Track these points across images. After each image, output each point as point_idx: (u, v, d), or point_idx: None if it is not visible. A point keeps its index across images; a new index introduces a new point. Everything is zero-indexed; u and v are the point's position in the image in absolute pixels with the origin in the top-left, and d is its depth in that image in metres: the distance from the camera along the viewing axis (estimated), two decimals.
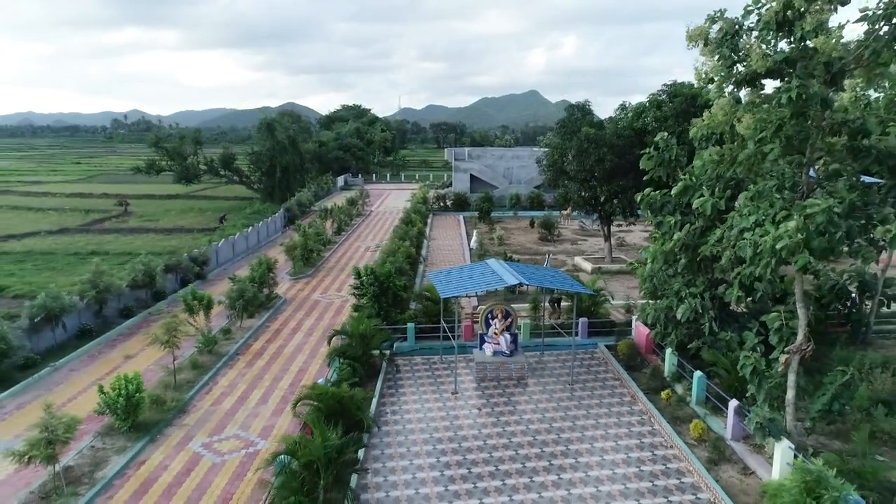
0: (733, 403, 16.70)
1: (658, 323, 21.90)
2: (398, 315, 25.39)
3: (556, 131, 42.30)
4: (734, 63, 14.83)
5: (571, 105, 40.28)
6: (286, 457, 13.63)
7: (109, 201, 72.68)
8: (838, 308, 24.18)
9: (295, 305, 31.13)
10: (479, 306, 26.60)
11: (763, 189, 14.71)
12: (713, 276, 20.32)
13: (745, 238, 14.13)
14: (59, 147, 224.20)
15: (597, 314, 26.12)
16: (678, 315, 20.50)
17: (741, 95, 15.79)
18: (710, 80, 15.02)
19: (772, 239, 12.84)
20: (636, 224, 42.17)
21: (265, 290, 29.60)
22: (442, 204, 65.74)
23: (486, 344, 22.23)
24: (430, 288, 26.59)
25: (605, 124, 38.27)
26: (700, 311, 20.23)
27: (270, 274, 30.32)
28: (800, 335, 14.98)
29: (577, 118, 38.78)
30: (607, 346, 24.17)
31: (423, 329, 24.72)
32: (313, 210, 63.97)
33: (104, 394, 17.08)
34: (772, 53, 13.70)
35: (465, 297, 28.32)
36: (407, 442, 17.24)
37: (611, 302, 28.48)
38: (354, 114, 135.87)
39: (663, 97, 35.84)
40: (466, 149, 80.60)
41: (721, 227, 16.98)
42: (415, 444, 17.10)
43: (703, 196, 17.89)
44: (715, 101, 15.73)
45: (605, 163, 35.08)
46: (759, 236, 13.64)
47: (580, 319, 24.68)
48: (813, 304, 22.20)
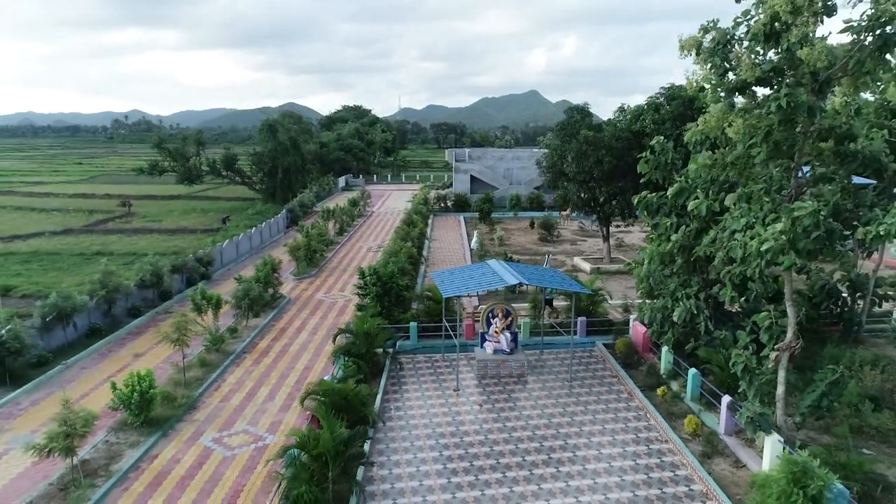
0: (726, 399, 17.28)
1: (655, 322, 22.43)
2: (401, 314, 25.95)
3: (555, 133, 42.88)
4: (726, 71, 15.40)
5: (571, 108, 40.90)
6: (296, 450, 14.21)
7: (112, 202, 73.23)
8: (831, 307, 24.72)
9: (299, 305, 31.71)
10: (480, 306, 27.18)
11: (752, 192, 15.28)
12: (708, 277, 20.88)
13: (736, 239, 14.70)
14: (61, 147, 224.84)
15: (595, 313, 26.71)
16: (674, 316, 21.04)
17: (734, 101, 16.33)
18: (701, 88, 15.57)
19: (759, 241, 13.42)
20: (634, 225, 42.73)
21: (270, 290, 30.17)
22: (442, 205, 66.34)
23: (486, 342, 22.79)
24: (431, 288, 27.16)
25: (604, 126, 38.86)
26: (695, 311, 20.78)
27: (275, 274, 30.89)
28: (789, 333, 15.55)
29: (577, 120, 39.38)
30: (605, 345, 24.74)
31: (426, 328, 25.29)
32: (315, 211, 64.53)
33: (118, 390, 17.66)
34: (761, 63, 14.26)
35: (467, 297, 28.89)
36: (410, 437, 17.82)
37: (609, 301, 29.07)
38: (355, 114, 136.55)
39: (661, 100, 36.41)
40: (467, 150, 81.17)
41: (715, 228, 17.55)
42: (418, 439, 17.68)
43: (699, 198, 18.45)
44: (711, 105, 16.31)
45: (603, 164, 35.65)
46: (749, 238, 14.21)
47: (579, 318, 25.24)
48: (805, 304, 22.75)
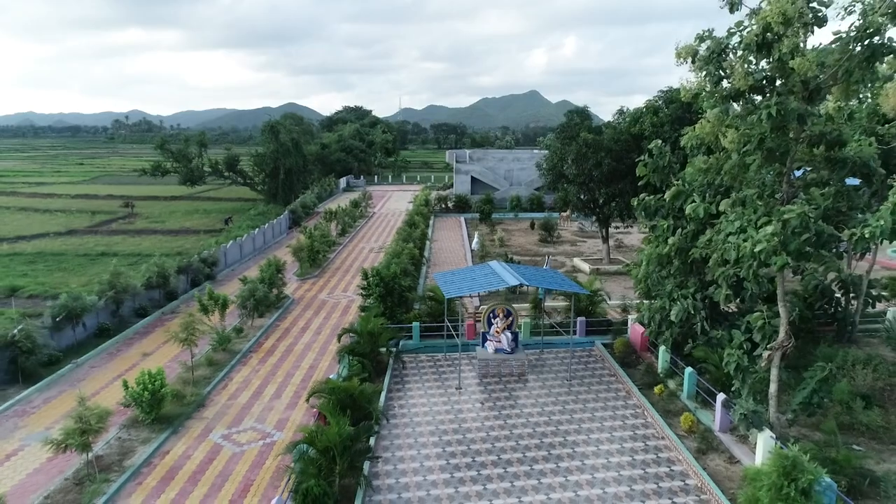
0: (721, 397, 17.78)
1: (653, 322, 22.95)
2: (403, 314, 26.43)
3: (555, 136, 43.37)
4: (720, 79, 15.90)
5: (571, 110, 41.39)
6: (304, 445, 14.70)
7: (115, 203, 73.72)
8: (825, 308, 25.21)
9: (303, 305, 32.21)
10: (481, 306, 27.68)
11: (745, 196, 15.79)
12: (704, 278, 21.36)
13: (730, 242, 15.20)
14: (62, 148, 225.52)
15: (594, 314, 27.21)
16: (672, 315, 21.56)
17: (729, 109, 16.82)
18: (696, 94, 16.06)
19: (752, 242, 13.93)
20: (633, 226, 43.22)
21: (274, 291, 30.66)
22: (443, 206, 66.84)
23: (488, 342, 23.27)
24: (433, 288, 27.65)
25: (604, 129, 39.36)
26: (692, 310, 21.29)
27: (279, 275, 31.38)
28: (781, 333, 16.06)
29: (577, 123, 39.87)
30: (604, 344, 25.24)
31: (428, 328, 25.78)
32: (317, 212, 65.06)
33: (129, 388, 18.15)
34: (753, 72, 14.77)
35: (468, 298, 29.37)
36: (414, 433, 18.32)
37: (608, 302, 29.59)
38: (356, 115, 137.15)
39: (660, 103, 36.91)
40: (468, 151, 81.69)
41: (711, 230, 18.05)
42: (422, 436, 18.17)
43: (696, 201, 18.93)
44: (708, 110, 16.80)
45: (603, 167, 36.15)
46: (743, 240, 14.71)
47: (578, 319, 25.74)
48: (800, 304, 23.23)
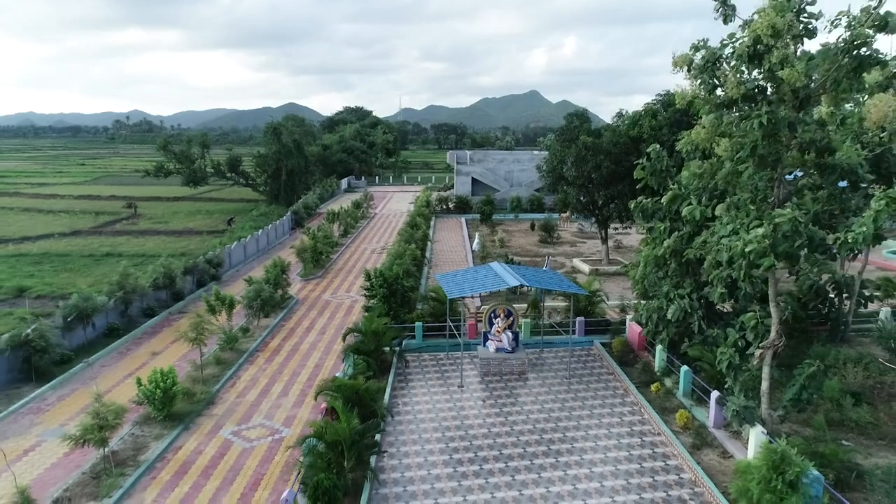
0: (715, 394, 18.37)
1: (650, 322, 23.54)
2: (406, 314, 27.01)
3: (555, 138, 43.97)
4: (714, 87, 16.48)
5: (570, 113, 41.97)
6: (314, 439, 15.29)
7: (118, 203, 74.31)
8: (818, 308, 25.80)
9: (307, 305, 32.79)
10: (483, 306, 28.27)
11: (738, 200, 16.38)
12: (700, 279, 21.95)
13: (723, 243, 15.79)
14: (62, 148, 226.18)
15: (593, 314, 27.80)
16: (669, 315, 22.15)
17: (723, 116, 17.39)
18: (690, 101, 16.63)
19: (742, 244, 14.52)
20: (632, 227, 43.80)
21: (279, 291, 31.22)
22: (444, 206, 67.39)
23: (489, 341, 23.85)
24: (435, 289, 28.22)
25: (603, 132, 39.94)
26: (689, 310, 21.88)
27: (284, 275, 31.96)
28: (772, 332, 16.64)
29: (576, 126, 40.45)
30: (602, 344, 25.82)
31: (430, 328, 26.36)
32: (319, 213, 65.62)
33: (142, 386, 18.73)
34: (745, 81, 15.34)
35: (469, 298, 29.94)
36: (418, 430, 18.90)
37: (606, 302, 30.16)
38: (357, 116, 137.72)
39: (658, 106, 37.51)
40: (468, 152, 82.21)
41: (706, 233, 18.64)
42: (425, 432, 18.76)
43: (692, 205, 19.53)
44: (703, 116, 17.38)
45: (602, 169, 36.75)
46: (734, 242, 15.30)
47: (577, 318, 26.32)
48: (794, 304, 23.82)
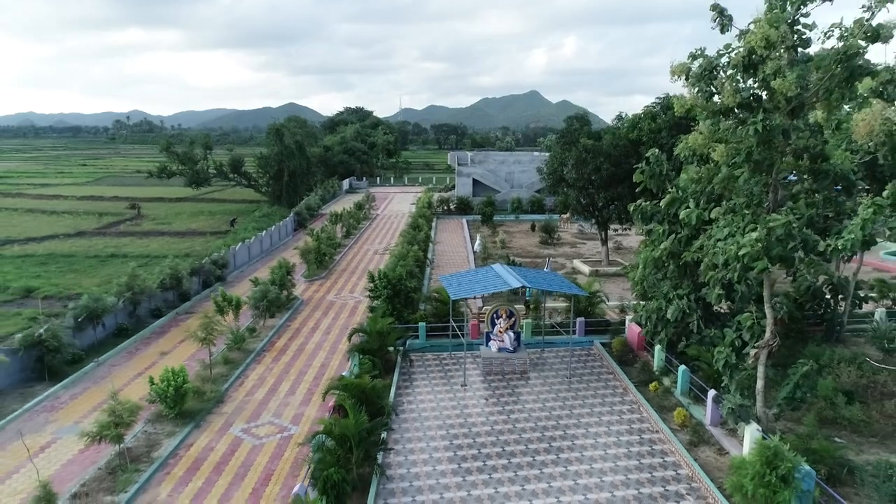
0: (711, 393, 18.88)
1: (648, 322, 24.06)
2: (410, 315, 27.51)
3: (556, 141, 44.50)
4: (712, 95, 16.99)
5: (570, 116, 42.52)
6: (323, 436, 15.80)
7: (120, 204, 74.81)
8: (814, 308, 26.33)
9: (312, 306, 33.30)
10: (484, 307, 28.76)
11: (734, 205, 16.90)
12: (697, 280, 22.47)
13: (719, 246, 16.31)
14: (63, 148, 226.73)
15: (593, 314, 28.32)
16: (668, 315, 22.67)
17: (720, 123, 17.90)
18: (689, 109, 17.13)
19: (736, 248, 15.04)
20: (632, 228, 44.28)
21: (284, 292, 31.72)
22: (445, 208, 67.88)
23: (491, 341, 24.35)
24: (439, 290, 28.74)
25: (603, 135, 40.48)
26: (687, 311, 22.40)
27: (289, 276, 32.45)
28: (767, 332, 17.16)
29: (576, 129, 40.98)
30: (602, 344, 26.33)
31: (433, 328, 26.86)
32: (322, 214, 66.12)
33: (154, 385, 19.24)
34: (741, 90, 15.86)
35: (472, 299, 30.44)
36: (423, 427, 19.41)
37: (606, 303, 30.68)
38: (357, 116, 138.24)
39: (657, 109, 38.04)
40: (469, 153, 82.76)
41: (703, 236, 19.17)
42: (430, 429, 19.27)
43: (689, 208, 20.04)
44: (701, 122, 17.90)
45: (602, 171, 37.30)
46: (730, 245, 15.82)
47: (578, 319, 26.84)
48: (791, 305, 24.33)
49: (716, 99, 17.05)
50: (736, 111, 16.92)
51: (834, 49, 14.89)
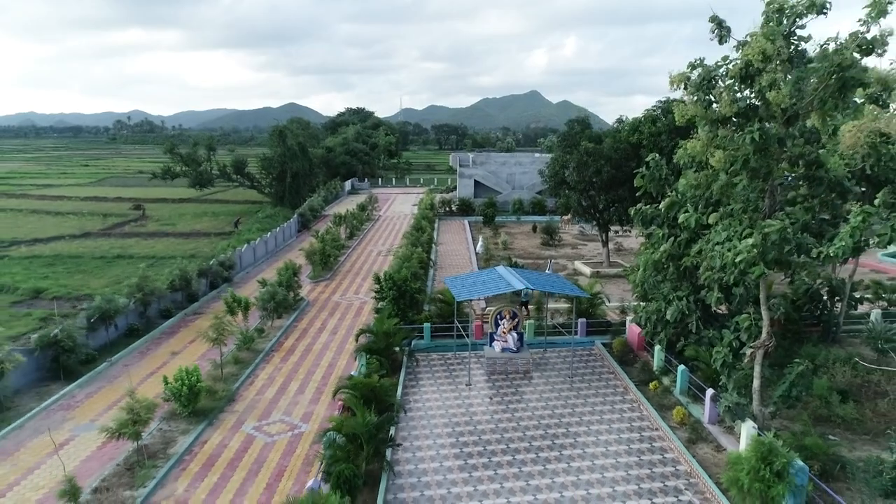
0: (710, 392, 19.46)
1: (648, 323, 24.63)
2: (415, 316, 28.08)
3: (557, 143, 45.08)
4: (710, 104, 17.56)
5: (572, 119, 43.05)
6: (334, 433, 16.37)
7: (124, 205, 75.35)
8: (811, 309, 26.89)
9: (318, 307, 33.88)
10: (488, 308, 29.32)
11: (732, 210, 17.48)
12: (696, 282, 23.04)
13: (716, 251, 16.88)
14: (64, 148, 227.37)
15: (594, 315, 28.89)
16: (668, 316, 23.23)
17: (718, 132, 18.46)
18: (690, 119, 17.68)
19: (734, 253, 15.61)
20: (632, 230, 44.85)
21: (291, 293, 32.29)
22: (447, 209, 68.44)
23: (495, 342, 24.91)
24: (443, 291, 29.29)
25: (603, 138, 41.05)
26: (686, 312, 22.97)
27: (295, 278, 33.03)
28: (764, 333, 17.73)
29: (577, 132, 41.55)
30: (603, 344, 26.91)
31: (438, 328, 27.44)
32: (325, 215, 66.67)
33: (169, 384, 19.81)
34: (738, 100, 16.43)
35: (476, 300, 31.01)
36: (429, 425, 19.98)
37: (607, 304, 31.25)
38: (359, 117, 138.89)
39: (658, 112, 38.60)
40: (471, 155, 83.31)
41: (701, 240, 19.72)
42: (436, 427, 19.84)
43: (689, 212, 20.60)
44: (700, 129, 18.45)
45: (602, 174, 37.87)
46: (727, 250, 16.39)
47: (579, 320, 27.42)
48: (788, 306, 24.90)
49: (714, 107, 17.63)
50: (734, 119, 17.49)
51: (828, 60, 15.41)
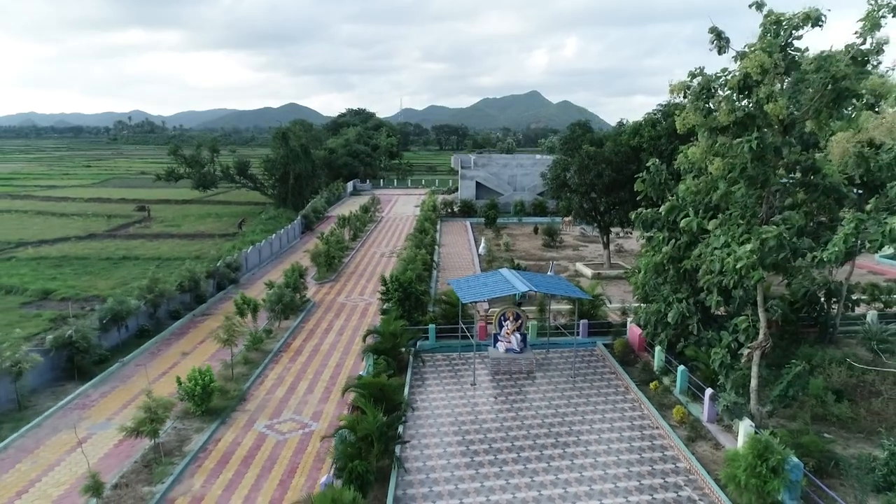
0: (708, 392, 20.03)
1: (649, 324, 25.18)
2: (420, 317, 28.63)
3: (559, 147, 45.64)
4: (710, 112, 18.12)
5: (573, 123, 43.61)
6: (346, 431, 16.94)
7: (128, 206, 75.91)
8: (809, 311, 27.45)
9: (324, 308, 34.43)
10: (491, 309, 29.88)
11: (730, 217, 18.04)
12: (696, 285, 23.59)
13: (715, 255, 17.44)
14: (66, 149, 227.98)
15: (596, 316, 29.45)
16: (669, 318, 23.78)
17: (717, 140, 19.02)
18: (691, 127, 18.23)
19: (734, 259, 16.17)
20: (633, 232, 45.38)
21: (298, 295, 32.84)
22: (449, 210, 68.98)
23: (499, 342, 25.48)
24: (448, 293, 29.86)
25: (604, 141, 41.61)
26: (687, 314, 23.52)
27: (302, 279, 33.58)
28: (760, 334, 18.30)
29: (579, 135, 42.11)
30: (605, 345, 27.48)
31: (443, 329, 27.99)
32: (328, 216, 67.21)
33: (183, 384, 20.37)
34: (736, 110, 16.99)
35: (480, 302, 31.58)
36: (436, 424, 20.54)
37: (608, 305, 31.81)
38: (360, 118, 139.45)
39: (658, 116, 39.19)
40: (472, 156, 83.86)
41: (701, 244, 20.29)
42: (443, 426, 20.40)
43: (689, 216, 21.16)
44: (699, 135, 19.00)
45: (604, 178, 38.43)
46: (726, 255, 16.96)
47: (581, 321, 27.99)
48: (785, 308, 25.45)
49: (714, 115, 18.17)
50: (731, 129, 18.05)
51: (822, 71, 15.97)
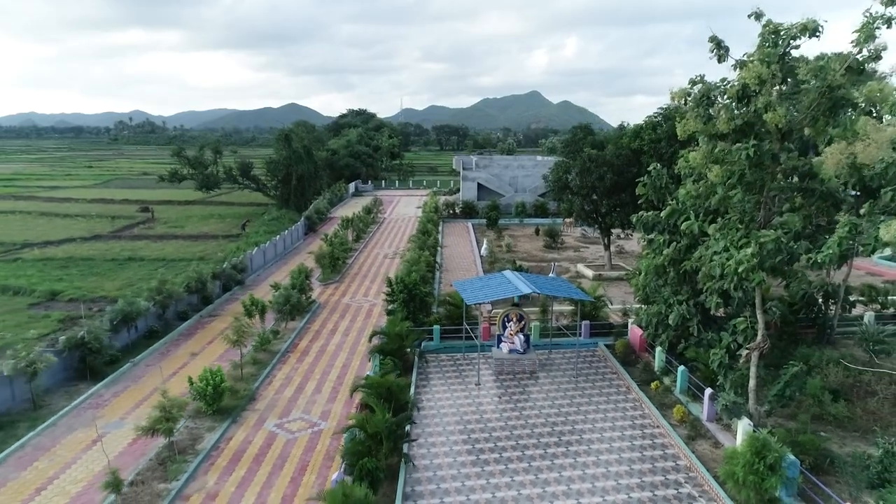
0: (708, 391, 20.51)
1: (650, 325, 25.66)
2: (424, 318, 29.10)
3: (561, 150, 46.09)
4: (710, 119, 18.58)
5: (575, 126, 44.08)
6: (356, 429, 17.42)
7: (131, 207, 76.36)
8: (807, 312, 27.93)
9: (329, 309, 34.91)
10: (494, 310, 30.36)
11: (729, 220, 18.52)
12: (696, 286, 24.06)
13: (714, 259, 17.93)
14: (67, 149, 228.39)
15: (597, 317, 29.93)
16: (670, 320, 24.25)
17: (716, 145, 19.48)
18: (692, 134, 18.70)
19: (735, 263, 16.65)
20: (634, 234, 45.84)
21: (303, 296, 33.30)
22: (451, 211, 69.41)
23: (502, 343, 25.96)
24: (450, 294, 30.34)
25: (606, 144, 42.08)
26: (687, 316, 24.00)
27: (307, 281, 34.05)
28: (759, 335, 18.78)
29: (580, 138, 42.58)
30: (606, 345, 27.96)
31: (447, 330, 28.46)
32: (330, 217, 67.66)
33: (195, 384, 20.85)
34: (735, 118, 17.46)
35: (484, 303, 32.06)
36: (442, 423, 21.02)
37: (609, 306, 32.29)
38: (361, 119, 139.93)
39: (658, 119, 39.65)
40: (474, 157, 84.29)
41: (701, 247, 20.76)
42: (448, 424, 20.88)
43: (690, 220, 21.64)
44: (700, 139, 19.47)
45: (605, 180, 38.88)
46: (726, 259, 17.44)
47: (583, 322, 28.47)
48: (784, 309, 25.94)
49: (713, 121, 18.64)
50: (730, 136, 18.53)
51: (818, 80, 16.42)
